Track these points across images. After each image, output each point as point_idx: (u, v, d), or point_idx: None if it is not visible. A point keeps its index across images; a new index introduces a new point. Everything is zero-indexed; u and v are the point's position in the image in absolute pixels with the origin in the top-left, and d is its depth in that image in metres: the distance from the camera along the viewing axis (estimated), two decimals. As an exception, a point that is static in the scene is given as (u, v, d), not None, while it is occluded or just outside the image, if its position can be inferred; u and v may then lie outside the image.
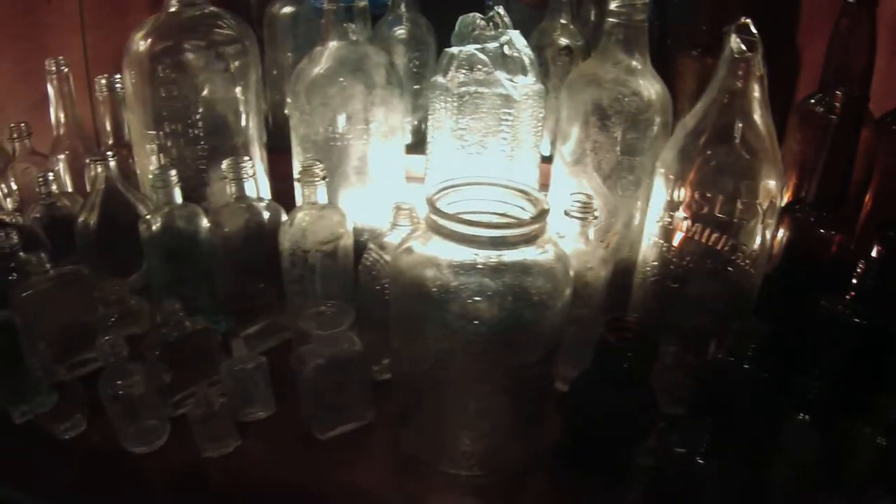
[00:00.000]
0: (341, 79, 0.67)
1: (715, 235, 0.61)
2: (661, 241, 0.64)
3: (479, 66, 0.63)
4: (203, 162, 0.72)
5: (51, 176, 0.75)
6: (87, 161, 0.80)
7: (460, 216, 0.52)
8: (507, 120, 0.64)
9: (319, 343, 0.59)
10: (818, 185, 0.68)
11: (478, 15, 0.88)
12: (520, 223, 0.52)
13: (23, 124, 0.82)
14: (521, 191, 0.55)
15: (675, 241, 0.63)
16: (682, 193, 0.62)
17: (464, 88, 0.64)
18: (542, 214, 0.52)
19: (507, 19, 0.86)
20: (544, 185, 0.71)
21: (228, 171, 0.65)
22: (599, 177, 0.67)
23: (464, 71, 0.64)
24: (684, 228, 0.62)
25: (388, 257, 0.62)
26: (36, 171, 0.81)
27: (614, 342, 0.58)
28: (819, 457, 0.58)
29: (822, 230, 0.68)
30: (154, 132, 0.72)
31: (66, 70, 0.79)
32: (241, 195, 0.66)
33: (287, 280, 0.66)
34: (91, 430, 0.67)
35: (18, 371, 0.68)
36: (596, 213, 0.62)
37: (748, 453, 0.59)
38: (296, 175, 0.64)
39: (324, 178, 0.63)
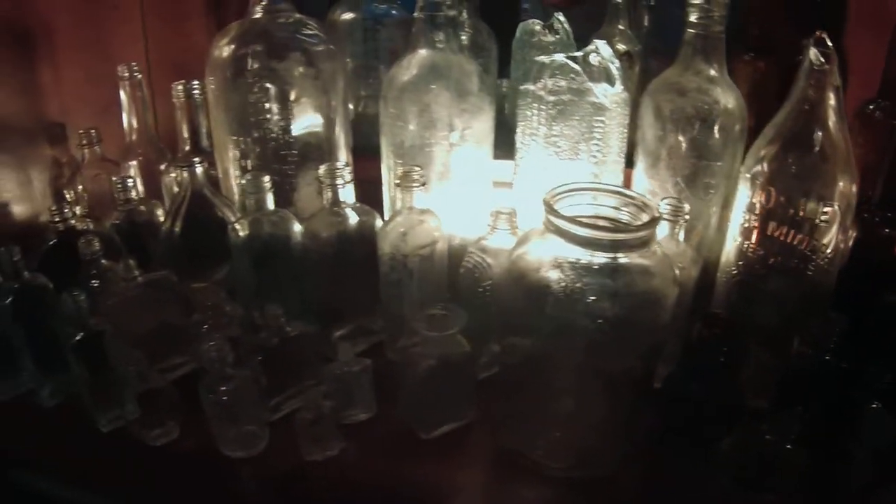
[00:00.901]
0: (433, 86, 0.68)
1: (799, 236, 0.64)
2: (745, 242, 0.67)
3: (572, 75, 0.66)
4: (291, 168, 0.73)
5: (130, 182, 0.74)
6: (164, 167, 0.80)
7: (581, 219, 0.54)
8: (598, 127, 0.66)
9: (429, 344, 0.61)
10: (883, 187, 0.72)
11: (538, 21, 0.90)
12: (637, 227, 0.55)
13: (93, 131, 0.81)
14: (629, 196, 0.58)
15: (759, 242, 0.66)
16: (766, 197, 0.65)
17: (557, 97, 0.66)
18: (654, 220, 0.55)
19: (566, 26, 0.88)
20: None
21: (325, 176, 0.66)
22: (680, 180, 0.70)
23: (556, 79, 0.66)
24: (768, 230, 0.65)
25: (490, 260, 0.64)
26: (106, 178, 0.81)
27: (712, 338, 0.61)
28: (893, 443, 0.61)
29: (887, 229, 0.72)
30: (238, 138, 0.73)
31: (139, 76, 0.79)
32: (336, 201, 0.67)
33: (384, 283, 0.68)
34: (183, 435, 0.68)
35: (107, 378, 0.69)
36: (686, 216, 0.65)
37: (828, 441, 0.63)
38: (395, 180, 0.65)
39: (422, 184, 0.65)
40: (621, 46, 0.88)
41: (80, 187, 0.82)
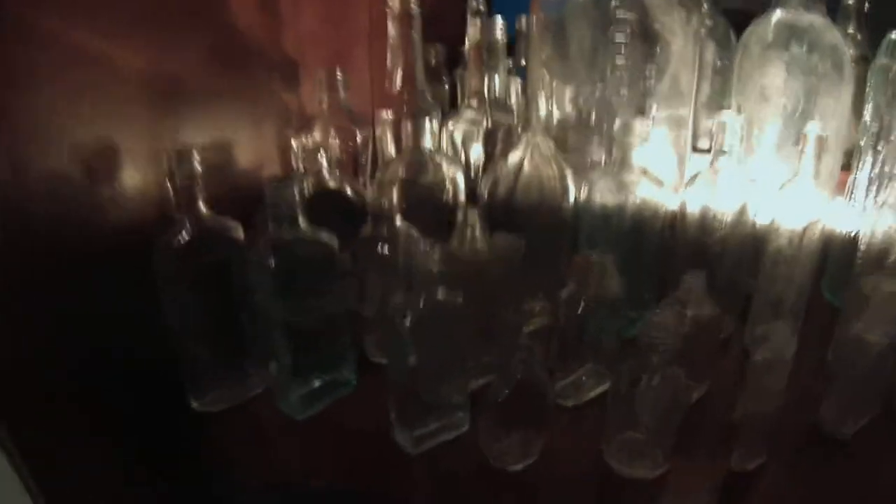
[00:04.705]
0: (794, 49, 0.62)
1: None
2: None
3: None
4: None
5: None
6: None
7: None
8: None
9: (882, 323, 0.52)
10: None
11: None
12: None
13: (339, 74, 0.63)
14: None
15: None
16: None
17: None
18: None
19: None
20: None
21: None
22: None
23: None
24: None
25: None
26: (349, 132, 0.64)
27: None
28: None
29: None
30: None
31: (416, 9, 0.63)
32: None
33: (763, 275, 0.60)
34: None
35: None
36: None
37: None
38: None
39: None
40: (851, 51, 0.86)
41: (313, 135, 0.64)
